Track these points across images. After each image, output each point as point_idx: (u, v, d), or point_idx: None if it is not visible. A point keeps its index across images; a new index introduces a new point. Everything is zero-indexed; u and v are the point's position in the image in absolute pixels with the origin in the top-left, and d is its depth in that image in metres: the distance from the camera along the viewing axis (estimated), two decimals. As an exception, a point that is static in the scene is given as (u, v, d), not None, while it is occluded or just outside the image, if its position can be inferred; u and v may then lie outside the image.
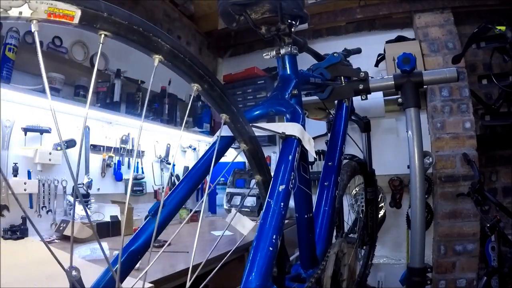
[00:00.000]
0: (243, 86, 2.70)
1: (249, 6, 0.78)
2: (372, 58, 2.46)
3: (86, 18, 0.30)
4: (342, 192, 1.21)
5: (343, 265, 1.03)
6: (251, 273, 0.45)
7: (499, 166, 2.31)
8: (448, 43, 2.29)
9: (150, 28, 0.35)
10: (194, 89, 0.37)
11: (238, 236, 1.72)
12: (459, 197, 2.13)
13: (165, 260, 1.19)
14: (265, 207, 0.52)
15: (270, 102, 0.76)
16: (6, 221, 1.30)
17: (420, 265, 1.09)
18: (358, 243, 1.37)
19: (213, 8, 2.62)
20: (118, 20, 0.32)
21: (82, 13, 0.30)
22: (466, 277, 2.09)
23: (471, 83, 2.26)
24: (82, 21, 0.30)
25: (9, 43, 1.35)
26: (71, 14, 0.27)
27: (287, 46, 0.87)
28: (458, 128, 2.20)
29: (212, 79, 0.38)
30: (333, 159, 1.08)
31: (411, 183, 1.11)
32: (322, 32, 2.79)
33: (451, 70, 1.11)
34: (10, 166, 1.38)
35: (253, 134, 0.49)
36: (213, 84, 0.38)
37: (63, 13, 0.26)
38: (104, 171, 1.84)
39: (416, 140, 1.10)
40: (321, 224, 1.01)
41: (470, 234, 2.11)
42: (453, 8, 2.32)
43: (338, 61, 1.18)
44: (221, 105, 0.42)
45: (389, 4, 2.48)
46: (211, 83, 0.38)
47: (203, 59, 2.89)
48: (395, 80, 1.14)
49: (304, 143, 0.63)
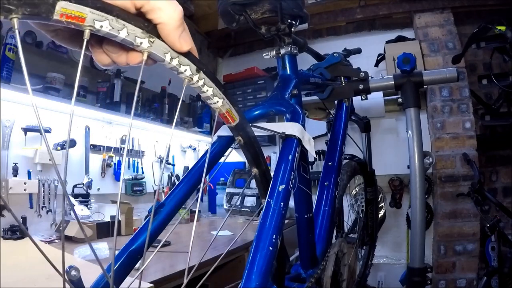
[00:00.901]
0: (243, 86, 2.70)
1: (249, 6, 0.78)
2: (372, 58, 2.46)
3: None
4: (342, 192, 1.21)
5: (343, 265, 1.03)
6: (251, 273, 0.45)
7: (499, 166, 2.31)
8: (448, 43, 2.29)
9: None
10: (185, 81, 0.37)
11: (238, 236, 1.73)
12: (459, 197, 2.14)
13: (165, 260, 1.19)
14: (265, 207, 0.52)
15: (270, 102, 0.76)
16: (6, 221, 1.30)
17: (420, 265, 1.09)
18: (358, 243, 1.37)
19: (213, 8, 2.62)
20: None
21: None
22: (466, 277, 2.09)
23: (471, 83, 2.26)
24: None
25: (9, 43, 1.35)
26: (82, 16, 0.27)
27: (287, 46, 0.87)
28: (458, 128, 2.20)
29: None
30: (333, 159, 1.08)
31: (411, 183, 1.11)
32: (322, 32, 2.79)
33: (451, 70, 1.11)
34: (10, 166, 1.38)
35: (247, 125, 0.49)
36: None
37: (74, 14, 0.26)
38: (104, 171, 1.84)
39: (416, 140, 1.10)
40: (321, 224, 1.01)
41: (470, 234, 2.11)
42: (453, 8, 2.32)
43: (338, 61, 1.18)
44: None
45: (389, 4, 2.48)
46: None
47: (203, 59, 2.89)
48: (395, 80, 1.14)
49: (304, 143, 0.63)
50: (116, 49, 0.34)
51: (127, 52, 0.34)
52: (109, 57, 0.35)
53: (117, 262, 0.48)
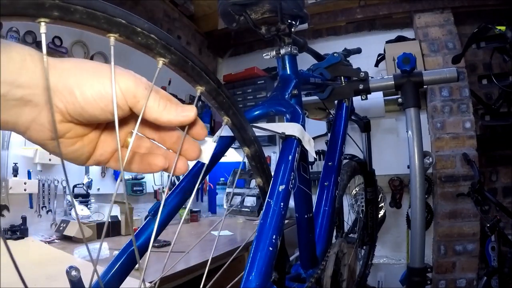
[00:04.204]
0: (243, 86, 2.70)
1: (249, 6, 0.78)
2: (372, 58, 2.46)
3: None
4: (342, 192, 1.21)
5: (343, 265, 1.03)
6: (251, 273, 0.45)
7: (499, 166, 2.31)
8: (448, 43, 2.29)
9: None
10: (198, 91, 0.37)
11: (238, 236, 1.73)
12: (459, 197, 2.13)
13: (165, 260, 1.19)
14: (265, 207, 0.52)
15: (270, 102, 0.76)
16: (6, 221, 1.30)
17: (420, 265, 1.08)
18: (358, 243, 1.37)
19: (213, 8, 2.62)
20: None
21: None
22: (466, 277, 2.09)
23: (471, 83, 2.26)
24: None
25: (9, 43, 1.34)
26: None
27: (287, 46, 0.87)
28: (458, 128, 2.20)
29: (216, 83, 0.38)
30: (333, 159, 1.08)
31: (411, 183, 1.11)
32: (322, 32, 2.78)
33: (451, 70, 1.11)
34: (10, 166, 1.38)
35: (255, 136, 0.48)
36: (218, 87, 0.38)
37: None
38: (104, 171, 1.84)
39: (416, 140, 1.10)
40: (321, 224, 1.01)
41: (470, 234, 2.11)
42: (453, 8, 2.32)
43: (338, 61, 1.18)
44: (224, 108, 0.42)
45: (389, 4, 2.48)
46: (216, 86, 0.38)
47: (203, 59, 2.89)
48: (395, 80, 1.13)
49: (304, 143, 0.63)
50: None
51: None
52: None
53: (117, 262, 0.48)
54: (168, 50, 0.31)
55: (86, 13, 0.25)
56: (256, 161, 0.52)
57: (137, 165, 0.33)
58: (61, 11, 0.24)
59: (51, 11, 0.24)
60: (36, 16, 0.23)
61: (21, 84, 0.24)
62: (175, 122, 0.31)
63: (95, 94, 0.26)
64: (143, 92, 0.29)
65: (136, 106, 0.29)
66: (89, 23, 0.26)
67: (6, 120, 0.25)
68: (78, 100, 0.26)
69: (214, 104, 0.40)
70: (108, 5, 0.27)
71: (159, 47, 0.30)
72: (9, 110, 0.25)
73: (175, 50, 0.32)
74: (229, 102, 0.41)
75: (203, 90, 0.36)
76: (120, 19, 0.27)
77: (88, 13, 0.25)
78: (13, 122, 0.26)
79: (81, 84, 0.26)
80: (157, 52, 0.31)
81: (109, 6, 0.27)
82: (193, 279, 1.15)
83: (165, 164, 0.32)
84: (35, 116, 0.26)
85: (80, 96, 0.26)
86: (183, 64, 0.33)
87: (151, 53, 0.31)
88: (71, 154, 0.30)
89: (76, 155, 0.30)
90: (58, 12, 0.24)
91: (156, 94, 0.30)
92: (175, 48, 0.32)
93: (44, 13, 0.23)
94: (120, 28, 0.27)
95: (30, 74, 0.24)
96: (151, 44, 0.30)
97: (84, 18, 0.25)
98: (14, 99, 0.24)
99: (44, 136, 0.27)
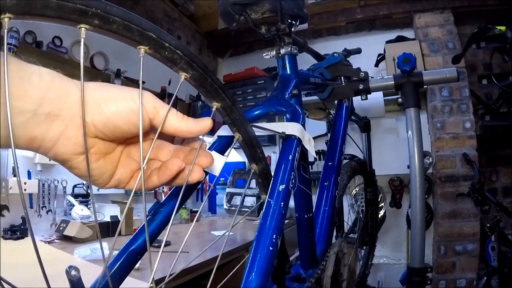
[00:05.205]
0: (243, 86, 2.70)
1: (249, 6, 0.78)
2: (372, 58, 2.46)
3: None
4: (342, 192, 1.20)
5: (343, 265, 1.03)
6: (251, 273, 0.45)
7: (499, 166, 2.31)
8: (448, 43, 2.29)
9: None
10: (214, 107, 0.38)
11: (238, 236, 1.73)
12: (459, 197, 2.14)
13: (165, 260, 1.19)
14: (265, 207, 0.52)
15: (270, 102, 0.76)
16: (6, 221, 1.30)
17: (420, 265, 1.08)
18: (358, 243, 1.37)
19: (213, 8, 2.62)
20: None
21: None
22: (466, 277, 2.09)
23: (471, 83, 2.26)
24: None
25: (9, 43, 1.34)
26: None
27: (287, 46, 0.87)
28: (458, 128, 2.21)
29: (231, 100, 0.39)
30: (333, 159, 1.08)
31: (411, 183, 1.11)
32: (322, 32, 2.79)
33: (451, 70, 1.11)
34: (10, 166, 1.38)
35: (263, 154, 0.49)
36: (232, 104, 0.39)
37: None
38: (104, 171, 1.84)
39: (416, 140, 1.10)
40: (321, 224, 1.01)
41: (470, 234, 2.11)
42: (453, 8, 2.32)
43: (338, 61, 1.18)
44: (237, 125, 0.43)
45: (389, 4, 2.48)
46: (230, 104, 0.39)
47: (203, 59, 2.89)
48: (395, 80, 1.13)
49: (304, 143, 0.63)
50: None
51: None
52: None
53: (117, 262, 0.48)
54: (191, 66, 0.33)
55: (122, 24, 0.27)
56: (263, 178, 0.53)
57: (156, 176, 0.34)
58: (101, 20, 0.26)
59: (93, 19, 0.25)
60: (79, 22, 0.25)
61: (50, 99, 0.26)
62: (194, 131, 0.33)
63: (119, 106, 0.29)
64: (162, 104, 0.31)
65: (156, 118, 0.31)
66: (124, 34, 0.27)
67: (35, 135, 0.27)
68: (103, 111, 0.28)
69: (227, 120, 0.41)
70: (143, 20, 0.28)
71: (183, 62, 0.32)
72: (39, 125, 0.26)
73: (197, 66, 0.33)
74: (242, 120, 0.42)
75: (218, 106, 0.38)
76: (151, 33, 0.29)
77: (124, 25, 0.27)
78: (42, 138, 0.27)
79: (106, 97, 0.29)
80: (180, 67, 0.32)
81: (143, 21, 0.28)
82: (193, 279, 1.15)
83: (181, 164, 0.33)
84: (63, 130, 0.28)
85: (106, 107, 0.28)
86: (203, 80, 0.35)
87: (175, 67, 0.32)
88: (94, 170, 0.32)
89: (99, 172, 0.32)
90: (98, 20, 0.25)
91: (173, 108, 0.32)
92: (197, 65, 0.33)
93: (86, 20, 0.25)
94: (151, 42, 0.29)
95: (59, 91, 0.27)
96: (176, 59, 0.32)
97: (120, 29, 0.27)
98: (43, 114, 0.26)
99: (70, 150, 0.29)
